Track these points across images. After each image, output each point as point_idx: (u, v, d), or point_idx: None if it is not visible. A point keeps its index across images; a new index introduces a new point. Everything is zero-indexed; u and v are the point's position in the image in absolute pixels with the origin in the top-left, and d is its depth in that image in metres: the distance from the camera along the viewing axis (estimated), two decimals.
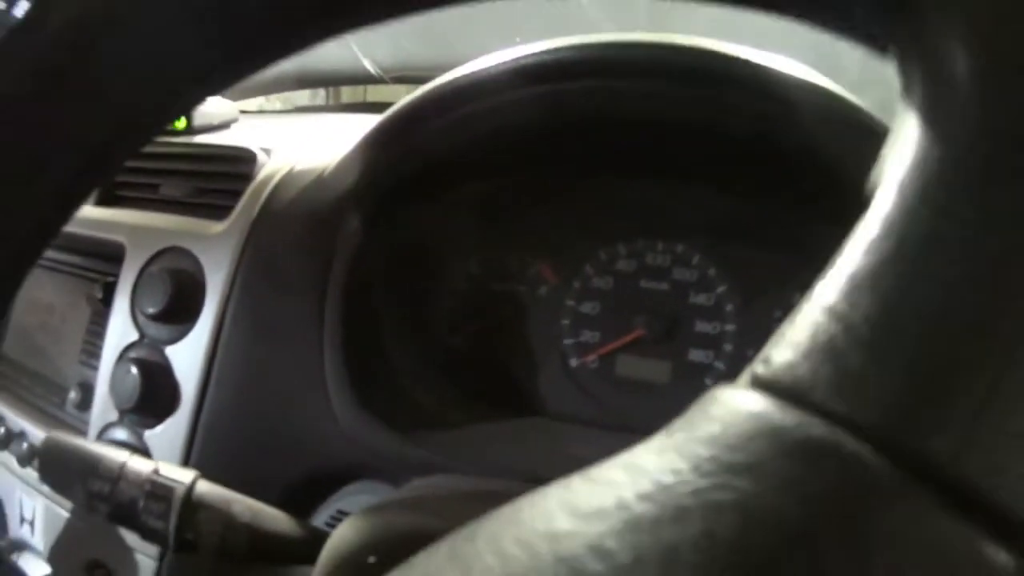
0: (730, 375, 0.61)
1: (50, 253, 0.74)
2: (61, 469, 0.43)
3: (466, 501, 0.42)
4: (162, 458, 0.60)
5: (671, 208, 0.62)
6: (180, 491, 0.41)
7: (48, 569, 0.64)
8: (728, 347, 0.61)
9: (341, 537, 0.37)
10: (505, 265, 0.65)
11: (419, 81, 0.54)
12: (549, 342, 0.63)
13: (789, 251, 0.60)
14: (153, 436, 0.61)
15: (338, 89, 1.19)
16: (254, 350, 0.58)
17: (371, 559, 0.35)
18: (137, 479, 0.42)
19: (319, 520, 0.57)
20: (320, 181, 0.57)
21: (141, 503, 0.41)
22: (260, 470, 0.57)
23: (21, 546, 0.69)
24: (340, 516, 0.56)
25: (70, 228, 0.69)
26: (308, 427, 0.55)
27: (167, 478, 0.42)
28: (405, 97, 0.54)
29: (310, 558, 0.39)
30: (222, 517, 0.42)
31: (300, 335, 0.55)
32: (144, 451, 0.61)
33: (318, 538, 0.41)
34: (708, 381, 0.62)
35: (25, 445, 0.69)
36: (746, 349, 0.61)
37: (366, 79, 1.00)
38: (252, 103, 1.16)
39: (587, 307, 0.63)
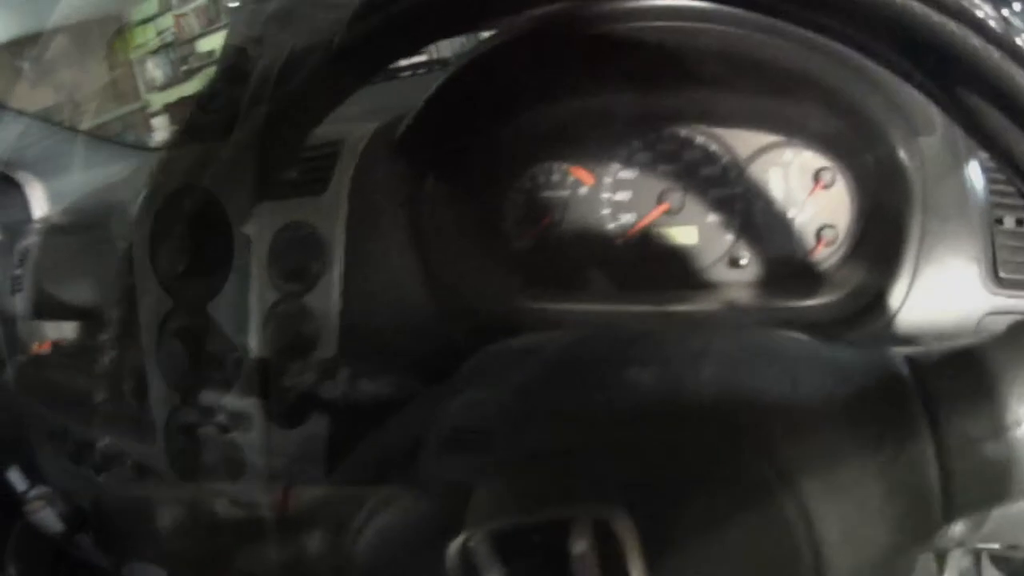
0: (745, 231, 0.75)
1: None
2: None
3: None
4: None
5: (665, 105, 0.75)
6: None
7: None
8: (739, 206, 0.75)
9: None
10: (550, 176, 0.79)
11: None
12: (596, 229, 0.78)
13: (772, 128, 0.73)
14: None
15: None
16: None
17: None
18: None
19: None
20: (397, 147, 0.73)
21: None
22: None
23: None
24: None
25: None
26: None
27: None
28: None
29: None
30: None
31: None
32: None
33: None
34: (728, 238, 0.75)
35: None
36: (752, 205, 0.75)
37: None
38: None
39: (620, 196, 0.78)
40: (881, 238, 0.67)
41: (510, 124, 0.77)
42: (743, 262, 0.75)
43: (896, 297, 0.63)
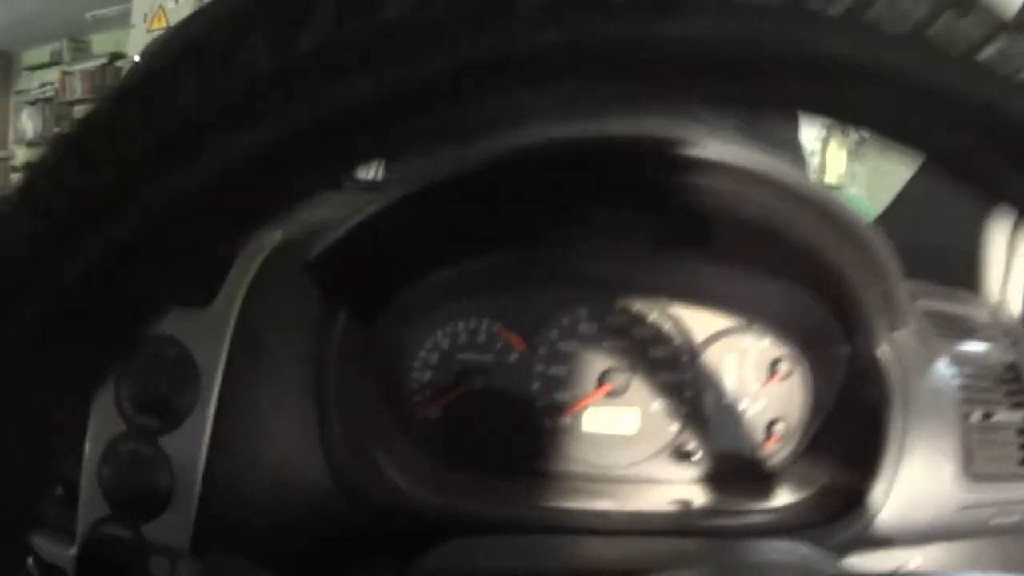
0: (692, 420, 0.68)
1: None
2: None
3: None
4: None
5: (625, 272, 0.68)
6: None
7: None
8: (688, 393, 0.68)
9: None
10: (476, 335, 0.68)
11: None
12: (522, 405, 0.67)
13: (734, 309, 0.68)
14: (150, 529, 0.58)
15: None
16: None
17: None
18: None
19: None
20: (309, 269, 0.58)
21: None
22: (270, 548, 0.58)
23: None
24: None
25: None
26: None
27: None
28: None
29: None
30: None
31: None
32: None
33: None
34: (673, 428, 0.68)
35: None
36: (702, 393, 0.68)
37: None
38: None
39: (555, 370, 0.67)
40: (851, 434, 0.65)
41: (445, 266, 0.65)
42: (691, 455, 0.68)
43: (876, 497, 0.60)
